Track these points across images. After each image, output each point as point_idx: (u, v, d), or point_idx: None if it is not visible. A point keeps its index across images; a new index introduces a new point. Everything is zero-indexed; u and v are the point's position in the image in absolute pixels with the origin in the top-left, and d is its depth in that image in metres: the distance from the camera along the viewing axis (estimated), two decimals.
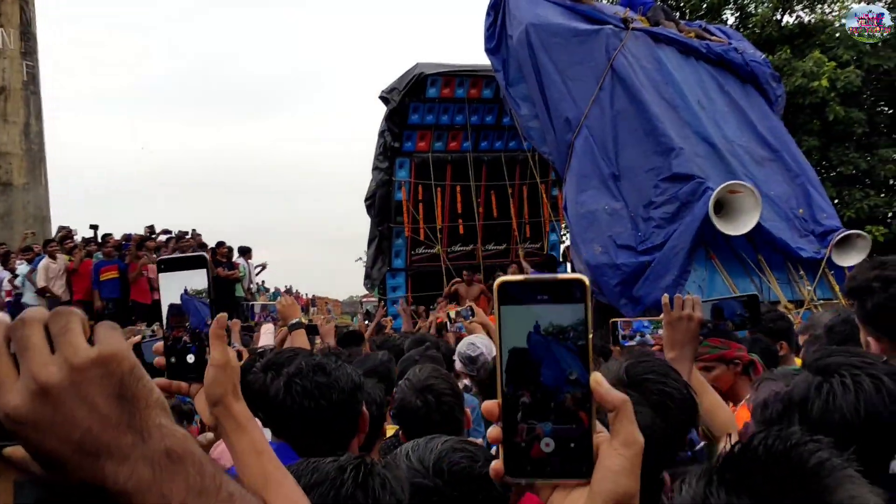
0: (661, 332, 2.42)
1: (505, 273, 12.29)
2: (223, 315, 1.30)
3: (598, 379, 0.82)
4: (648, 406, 1.60)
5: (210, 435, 1.51)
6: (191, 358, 1.36)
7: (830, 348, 1.89)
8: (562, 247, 14.40)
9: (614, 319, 2.69)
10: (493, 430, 0.84)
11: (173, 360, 1.37)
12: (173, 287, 1.36)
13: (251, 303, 5.24)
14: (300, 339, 3.77)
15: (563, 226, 13.70)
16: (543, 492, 0.84)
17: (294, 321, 3.91)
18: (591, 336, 0.82)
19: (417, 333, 6.46)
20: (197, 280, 1.35)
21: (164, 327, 1.37)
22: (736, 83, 8.77)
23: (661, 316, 2.37)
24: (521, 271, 11.61)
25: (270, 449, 1.26)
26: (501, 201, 13.47)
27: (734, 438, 2.20)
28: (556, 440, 0.82)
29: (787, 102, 10.64)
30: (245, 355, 4.87)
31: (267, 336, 4.38)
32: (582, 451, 0.82)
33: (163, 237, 13.43)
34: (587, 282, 0.82)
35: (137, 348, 1.75)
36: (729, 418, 2.56)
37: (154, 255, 11.82)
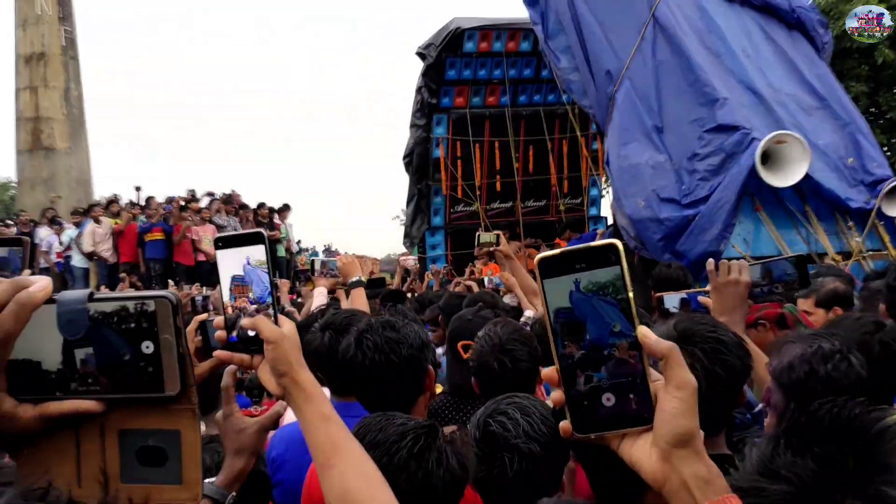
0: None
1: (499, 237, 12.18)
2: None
3: (644, 331, 0.88)
4: (702, 354, 1.59)
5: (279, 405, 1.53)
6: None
7: None
8: (603, 201, 14.28)
9: (659, 294, 2.65)
10: (556, 394, 0.91)
11: (235, 332, 1.34)
12: (233, 261, 1.33)
13: (312, 258, 5.27)
14: (360, 298, 3.76)
15: (603, 180, 13.55)
16: (613, 442, 0.91)
17: (355, 279, 3.88)
18: (631, 292, 0.87)
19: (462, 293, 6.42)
20: (256, 253, 1.33)
21: (227, 299, 1.34)
22: (782, 30, 8.49)
23: (708, 287, 2.35)
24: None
25: (337, 416, 1.27)
26: (540, 157, 13.36)
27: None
28: (616, 394, 0.89)
29: (834, 47, 10.32)
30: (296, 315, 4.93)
31: (320, 298, 4.40)
32: (641, 399, 0.89)
33: (206, 199, 13.59)
34: (620, 245, 0.87)
35: (203, 327, 1.73)
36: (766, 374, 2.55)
37: (197, 217, 12.00)
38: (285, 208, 14.39)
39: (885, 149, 14.17)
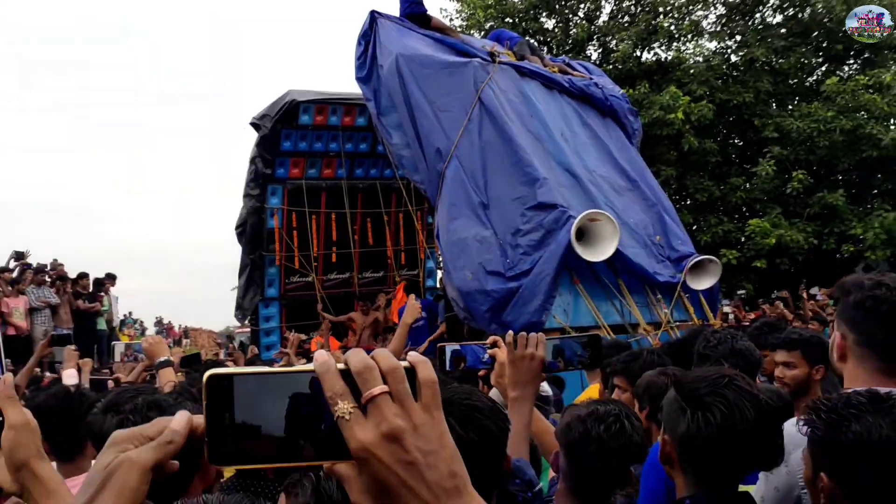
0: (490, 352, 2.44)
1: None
2: (8, 376, 1.22)
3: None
4: (455, 422, 1.58)
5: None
6: None
7: None
8: (439, 273, 14.56)
9: (441, 344, 2.63)
10: None
11: None
12: None
13: (113, 343, 5.08)
14: (168, 377, 3.73)
15: (438, 253, 13.87)
16: None
17: (162, 359, 3.84)
18: None
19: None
20: None
21: None
22: (596, 116, 9.19)
23: (488, 340, 2.42)
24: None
25: None
26: (377, 229, 13.47)
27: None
28: None
29: (645, 134, 11.23)
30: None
31: (69, 380, 4.39)
32: None
33: (17, 267, 12.61)
34: None
35: None
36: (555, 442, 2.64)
37: (10, 288, 11.12)
38: (109, 278, 13.64)
39: (693, 227, 15.47)
